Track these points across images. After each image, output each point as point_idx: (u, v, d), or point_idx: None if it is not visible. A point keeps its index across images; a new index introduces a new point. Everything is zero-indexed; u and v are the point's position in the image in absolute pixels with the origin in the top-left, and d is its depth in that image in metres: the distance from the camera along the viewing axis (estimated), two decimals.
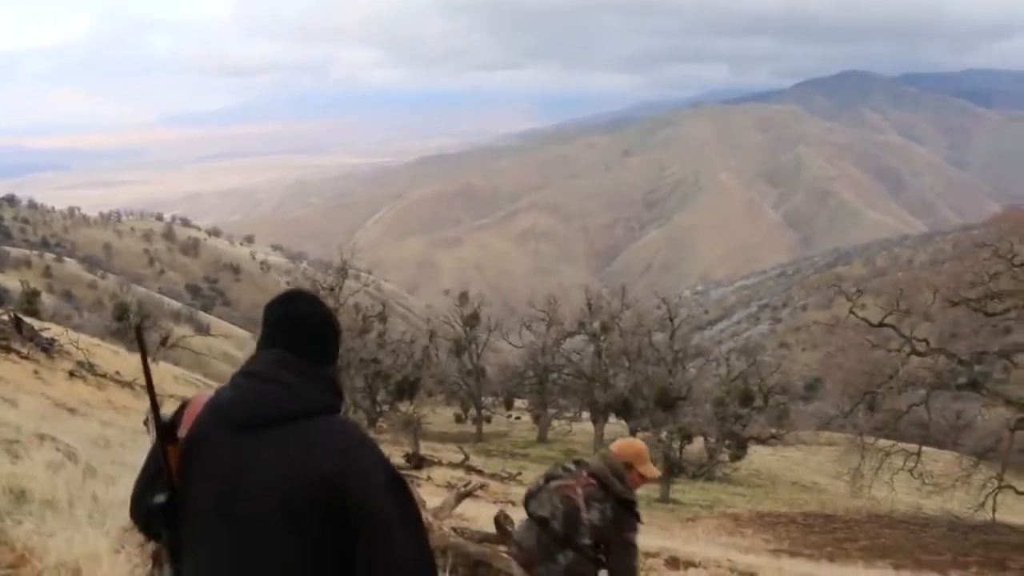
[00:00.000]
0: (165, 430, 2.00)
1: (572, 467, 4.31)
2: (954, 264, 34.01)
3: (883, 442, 25.23)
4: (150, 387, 2.07)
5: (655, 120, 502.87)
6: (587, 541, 4.08)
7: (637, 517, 4.16)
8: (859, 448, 24.71)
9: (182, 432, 2.01)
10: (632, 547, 4.09)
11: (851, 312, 27.05)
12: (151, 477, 2.07)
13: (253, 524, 1.88)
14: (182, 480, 1.96)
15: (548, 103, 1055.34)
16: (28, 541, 3.90)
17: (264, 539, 1.87)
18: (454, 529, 7.47)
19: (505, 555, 6.44)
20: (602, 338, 41.23)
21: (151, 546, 4.03)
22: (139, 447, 9.38)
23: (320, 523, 1.88)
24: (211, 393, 2.07)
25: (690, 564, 11.46)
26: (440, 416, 45.48)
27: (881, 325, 25.01)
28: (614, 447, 4.37)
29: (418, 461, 24.03)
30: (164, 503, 1.96)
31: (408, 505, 1.97)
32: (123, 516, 4.46)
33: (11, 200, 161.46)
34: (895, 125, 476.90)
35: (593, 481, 4.14)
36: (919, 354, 23.74)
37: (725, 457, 34.69)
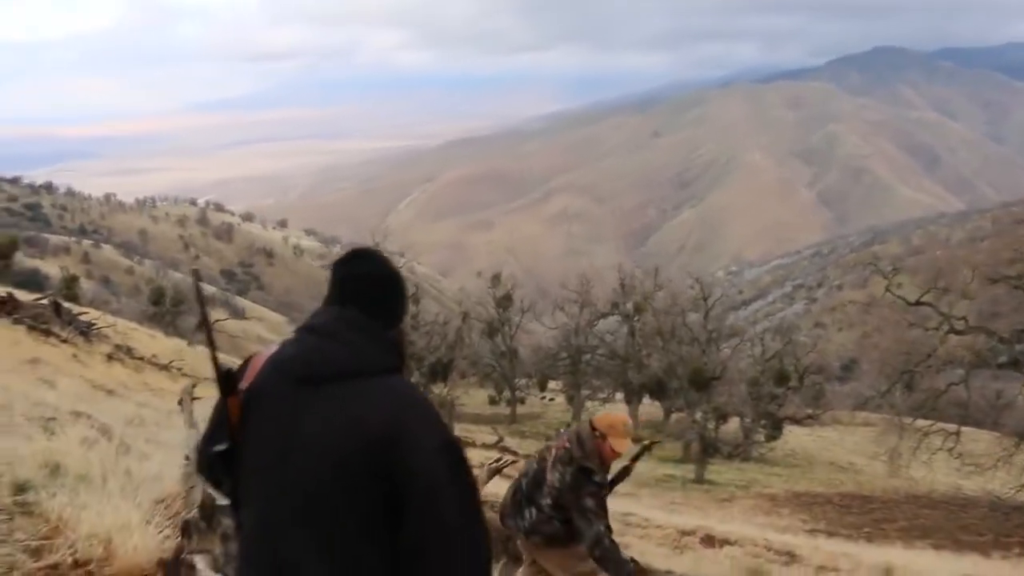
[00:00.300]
0: (226, 381, 2.01)
1: (564, 431, 4.49)
2: (993, 241, 33.51)
3: (921, 422, 24.91)
4: (208, 334, 2.09)
5: (685, 100, 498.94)
6: (547, 501, 4.23)
7: (599, 485, 4.19)
8: (897, 428, 24.46)
9: (244, 385, 2.02)
10: (589, 511, 4.12)
11: (887, 291, 26.72)
12: (216, 427, 2.10)
13: (309, 479, 1.88)
14: (241, 431, 1.98)
15: (575, 84, 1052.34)
16: (62, 513, 3.97)
17: (319, 494, 1.88)
18: (484, 503, 7.48)
19: None
20: (635, 318, 41.09)
21: (180, 518, 4.10)
22: (173, 426, 9.48)
23: (373, 482, 1.87)
24: (275, 348, 2.08)
25: (726, 542, 11.42)
26: (474, 398, 45.61)
27: (918, 303, 24.64)
28: (595, 416, 4.47)
29: None
30: (223, 451, 2.00)
31: (461, 470, 1.95)
32: (155, 490, 4.51)
33: (49, 188, 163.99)
34: (930, 101, 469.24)
35: (567, 445, 4.26)
36: (958, 332, 23.39)
37: (760, 437, 34.52)
